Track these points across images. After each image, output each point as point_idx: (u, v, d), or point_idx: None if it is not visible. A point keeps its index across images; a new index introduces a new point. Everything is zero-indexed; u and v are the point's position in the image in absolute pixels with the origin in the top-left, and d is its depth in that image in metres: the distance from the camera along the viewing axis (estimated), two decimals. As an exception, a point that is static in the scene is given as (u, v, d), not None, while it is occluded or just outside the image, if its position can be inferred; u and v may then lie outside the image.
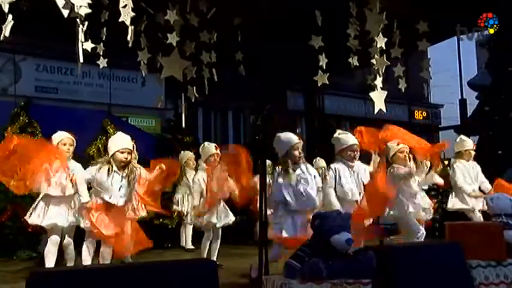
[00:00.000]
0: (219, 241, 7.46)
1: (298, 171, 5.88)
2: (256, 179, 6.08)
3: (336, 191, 6.28)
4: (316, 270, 3.50)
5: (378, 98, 8.93)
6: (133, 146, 6.22)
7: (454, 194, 8.41)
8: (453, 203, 8.36)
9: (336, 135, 6.80)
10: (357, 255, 3.84)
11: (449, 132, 17.32)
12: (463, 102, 14.70)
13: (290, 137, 6.03)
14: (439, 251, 4.60)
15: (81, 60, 6.12)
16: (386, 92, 8.91)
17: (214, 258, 7.04)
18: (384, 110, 8.90)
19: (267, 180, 5.45)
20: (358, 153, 6.58)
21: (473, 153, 8.59)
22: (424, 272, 4.04)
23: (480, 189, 8.30)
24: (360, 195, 6.38)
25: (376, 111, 8.99)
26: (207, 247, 7.41)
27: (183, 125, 11.43)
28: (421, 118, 24.45)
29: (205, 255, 7.25)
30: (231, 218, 7.54)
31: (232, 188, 7.16)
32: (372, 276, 3.65)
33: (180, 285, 2.73)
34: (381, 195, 6.17)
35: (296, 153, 5.91)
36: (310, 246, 3.80)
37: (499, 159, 11.06)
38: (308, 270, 3.55)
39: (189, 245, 9.41)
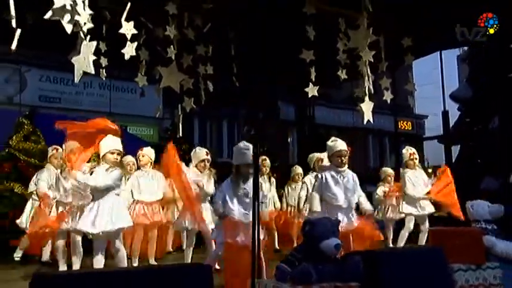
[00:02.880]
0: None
1: (246, 185, 5.67)
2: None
3: (322, 197, 6.26)
4: (306, 274, 3.49)
5: (367, 109, 8.97)
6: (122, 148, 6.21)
7: (405, 200, 8.52)
8: (404, 207, 8.50)
9: (328, 142, 6.81)
10: (345, 259, 3.83)
11: (433, 142, 17.37)
12: (445, 114, 14.75)
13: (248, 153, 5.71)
14: (423, 255, 4.60)
15: (93, 72, 6.10)
16: (372, 104, 8.95)
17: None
18: (372, 120, 8.94)
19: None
20: (346, 158, 6.56)
21: (416, 161, 8.68)
22: (409, 276, 4.03)
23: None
24: (348, 201, 6.33)
25: (365, 122, 9.04)
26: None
27: (180, 133, 11.42)
28: (406, 128, 24.55)
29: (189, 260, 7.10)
30: None
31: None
32: (359, 280, 3.64)
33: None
34: None
35: (247, 170, 5.67)
36: (301, 251, 3.79)
37: (478, 167, 11.11)
38: (298, 274, 3.53)
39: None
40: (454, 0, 9.05)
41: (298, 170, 10.06)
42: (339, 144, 6.52)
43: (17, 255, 8.04)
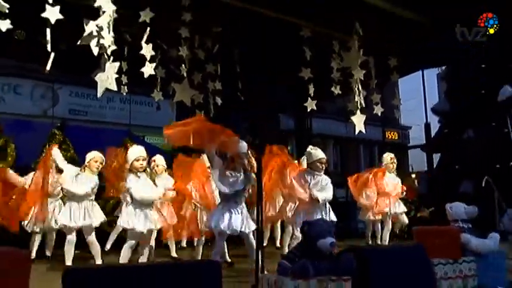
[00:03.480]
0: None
1: None
2: None
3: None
4: (305, 269, 3.49)
5: (358, 121, 9.00)
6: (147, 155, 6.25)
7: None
8: (378, 208, 8.61)
9: (308, 149, 6.79)
10: (339, 256, 3.83)
11: (417, 151, 17.37)
12: (427, 125, 14.75)
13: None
14: (407, 251, 4.65)
15: (115, 89, 6.17)
16: (364, 116, 8.97)
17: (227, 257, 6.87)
18: (364, 131, 8.96)
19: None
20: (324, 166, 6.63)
21: (395, 165, 8.70)
22: (395, 269, 4.05)
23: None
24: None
25: (356, 133, 9.07)
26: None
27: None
28: (393, 138, 24.52)
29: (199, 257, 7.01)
30: None
31: None
32: (351, 274, 3.64)
33: (185, 285, 2.68)
34: None
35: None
36: (300, 249, 3.81)
37: (456, 173, 11.13)
38: (298, 269, 3.53)
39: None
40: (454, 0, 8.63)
41: None
42: (319, 152, 6.55)
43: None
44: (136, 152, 6.23)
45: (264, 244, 8.19)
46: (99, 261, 6.53)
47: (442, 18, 9.55)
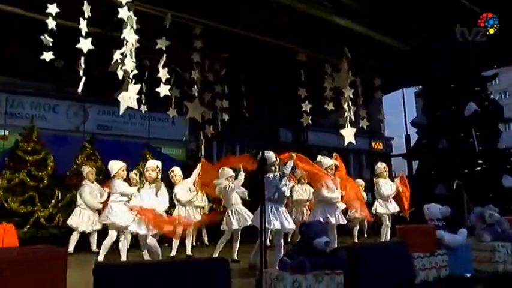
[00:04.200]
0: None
1: None
2: None
3: None
4: (302, 265, 3.49)
5: (348, 133, 9.02)
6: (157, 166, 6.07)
7: (378, 202, 8.39)
8: (376, 207, 8.37)
9: (318, 158, 6.82)
10: (332, 253, 3.83)
11: (399, 159, 17.38)
12: (407, 137, 14.81)
13: None
14: (391, 247, 4.84)
15: (136, 107, 6.24)
16: (355, 129, 9.02)
17: (235, 256, 6.60)
18: (354, 142, 8.98)
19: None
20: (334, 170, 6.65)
21: (386, 173, 8.61)
22: (381, 263, 4.14)
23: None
24: None
25: (346, 143, 9.09)
26: (221, 247, 6.75)
27: (202, 154, 11.40)
28: (378, 148, 24.43)
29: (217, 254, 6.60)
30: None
31: None
32: (343, 268, 3.64)
33: (196, 281, 2.67)
34: None
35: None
36: (298, 247, 3.80)
37: (432, 178, 11.15)
38: (296, 265, 3.53)
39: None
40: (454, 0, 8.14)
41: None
42: (328, 160, 6.63)
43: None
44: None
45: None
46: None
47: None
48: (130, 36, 6.07)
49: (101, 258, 6.41)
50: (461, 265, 5.16)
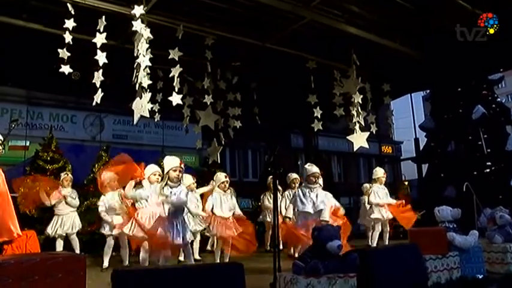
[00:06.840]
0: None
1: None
2: None
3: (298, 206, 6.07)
4: (316, 269, 3.46)
5: (357, 139, 8.99)
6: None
7: (373, 208, 8.33)
8: (373, 214, 8.32)
9: (306, 166, 6.63)
10: (345, 256, 3.79)
11: (408, 162, 17.24)
12: (416, 140, 14.73)
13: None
14: (403, 249, 4.68)
15: (148, 115, 6.28)
16: (365, 134, 8.99)
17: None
18: (367, 146, 8.94)
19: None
20: (319, 179, 6.41)
21: (383, 179, 8.48)
22: (393, 265, 4.04)
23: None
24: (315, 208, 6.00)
25: (355, 148, 9.06)
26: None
27: (218, 160, 11.41)
28: (388, 152, 24.27)
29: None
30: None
31: None
32: (356, 271, 3.60)
33: (215, 284, 2.65)
34: None
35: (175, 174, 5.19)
36: (311, 251, 3.76)
37: (442, 180, 11.05)
38: (310, 268, 3.50)
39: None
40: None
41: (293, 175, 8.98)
42: (313, 167, 6.38)
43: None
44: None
45: None
46: None
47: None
48: (142, 47, 6.15)
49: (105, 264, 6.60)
50: (473, 267, 5.10)
